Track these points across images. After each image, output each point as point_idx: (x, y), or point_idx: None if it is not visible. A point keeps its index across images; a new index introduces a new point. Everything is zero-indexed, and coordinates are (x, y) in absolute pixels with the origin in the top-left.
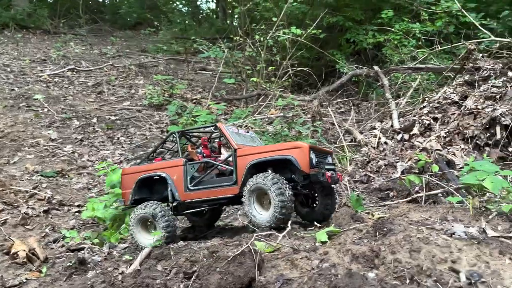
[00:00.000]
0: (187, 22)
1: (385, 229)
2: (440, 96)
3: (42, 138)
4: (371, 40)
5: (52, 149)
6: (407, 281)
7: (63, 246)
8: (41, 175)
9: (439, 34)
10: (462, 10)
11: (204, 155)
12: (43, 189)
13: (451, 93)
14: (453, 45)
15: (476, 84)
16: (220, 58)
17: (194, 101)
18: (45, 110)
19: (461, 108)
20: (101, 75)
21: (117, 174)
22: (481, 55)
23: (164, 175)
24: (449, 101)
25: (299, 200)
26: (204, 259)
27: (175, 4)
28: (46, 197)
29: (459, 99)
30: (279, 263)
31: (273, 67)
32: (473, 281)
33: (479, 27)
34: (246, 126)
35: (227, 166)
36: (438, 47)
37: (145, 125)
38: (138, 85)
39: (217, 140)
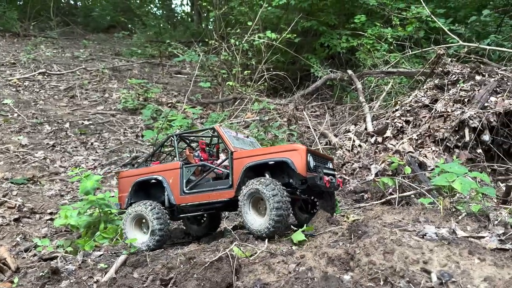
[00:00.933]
0: (161, 25)
1: (360, 231)
2: (411, 100)
3: (12, 144)
4: (345, 44)
5: (23, 155)
6: (381, 283)
7: (35, 255)
8: (11, 182)
9: (410, 39)
10: (432, 15)
11: (202, 158)
12: (14, 197)
13: (422, 96)
14: (423, 49)
15: (446, 88)
16: (195, 62)
17: (170, 105)
18: (15, 115)
19: (432, 111)
20: (73, 79)
21: (91, 180)
22: (450, 59)
23: (160, 178)
24: (420, 104)
25: (298, 205)
26: (181, 266)
27: (149, 7)
28: (17, 205)
29: (429, 103)
30: (256, 267)
31: (249, 71)
32: (444, 281)
33: (448, 32)
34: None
35: (223, 170)
36: (409, 52)
37: (120, 129)
38: (112, 89)
39: (215, 144)
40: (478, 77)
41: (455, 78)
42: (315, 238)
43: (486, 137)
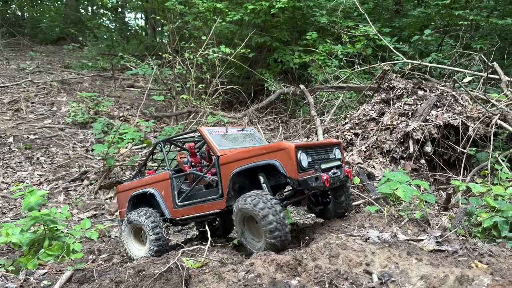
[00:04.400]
0: (114, 38)
1: (307, 238)
2: (360, 113)
3: None
4: (297, 60)
5: None
6: (327, 286)
7: None
8: None
9: (358, 56)
10: (378, 34)
11: (193, 164)
12: None
13: (370, 110)
14: (371, 65)
15: (391, 102)
16: (149, 75)
17: (122, 118)
18: None
19: (379, 124)
20: (18, 92)
21: (35, 195)
22: (395, 75)
23: (152, 191)
24: (368, 117)
25: (309, 200)
26: (130, 279)
27: (101, 20)
28: None
29: (377, 116)
30: (206, 277)
31: (203, 85)
32: (384, 281)
33: (393, 50)
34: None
35: (212, 177)
36: (358, 68)
37: (68, 144)
38: (60, 102)
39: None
40: (420, 92)
41: (399, 93)
42: None
43: (429, 148)
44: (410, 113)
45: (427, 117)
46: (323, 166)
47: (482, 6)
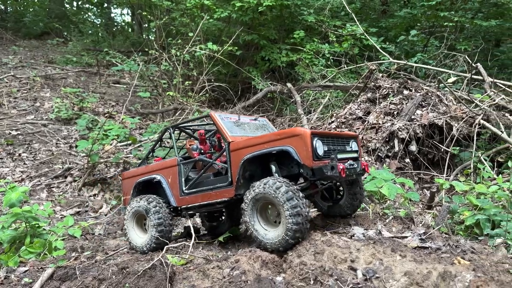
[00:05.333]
0: (100, 34)
1: None
2: (346, 112)
3: None
4: (285, 58)
5: None
6: (312, 282)
7: None
8: None
9: (345, 55)
10: (365, 34)
11: (202, 151)
12: None
13: (356, 109)
14: (357, 65)
15: (377, 101)
16: (134, 72)
17: (106, 114)
18: None
19: (365, 123)
20: (0, 87)
21: (16, 192)
22: (381, 75)
23: (159, 177)
24: (354, 116)
25: (321, 195)
26: (113, 276)
27: (87, 15)
28: None
29: (362, 115)
30: (191, 274)
31: (190, 82)
32: (368, 277)
33: (380, 50)
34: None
35: (221, 164)
36: (345, 67)
37: (52, 140)
38: (44, 98)
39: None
40: (406, 92)
41: (385, 92)
42: (250, 242)
43: (413, 147)
44: (395, 113)
45: (412, 117)
46: (340, 156)
47: (467, 8)
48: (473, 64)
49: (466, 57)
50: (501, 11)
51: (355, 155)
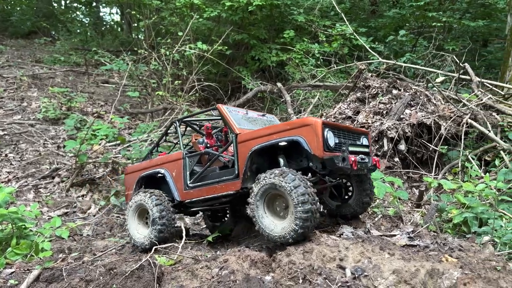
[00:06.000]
0: (88, 33)
1: None
2: (336, 112)
3: None
4: (275, 58)
5: None
6: (300, 281)
7: None
8: None
9: (335, 55)
10: (355, 34)
11: (208, 145)
12: None
13: (346, 108)
14: (347, 65)
15: (367, 101)
16: (124, 71)
17: (95, 114)
18: None
19: (354, 123)
20: None
21: (2, 193)
22: (370, 74)
23: (163, 171)
24: (344, 116)
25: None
26: (101, 277)
27: (75, 14)
28: None
29: (352, 114)
30: (179, 274)
31: (180, 81)
32: (356, 276)
33: (369, 49)
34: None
35: (228, 156)
36: (334, 67)
37: (39, 140)
38: (31, 97)
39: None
40: (395, 91)
41: (375, 92)
42: (240, 241)
43: (402, 146)
44: (384, 112)
45: (401, 116)
46: (351, 149)
47: (455, 8)
48: (461, 64)
49: (454, 57)
50: (488, 12)
51: (366, 149)
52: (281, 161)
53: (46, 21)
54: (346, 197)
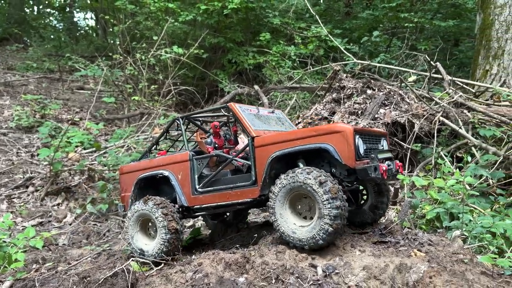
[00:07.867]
0: (62, 39)
1: (256, 235)
2: (312, 113)
3: None
4: (252, 61)
5: None
6: (273, 281)
7: None
8: None
9: (311, 57)
10: (330, 35)
11: (216, 145)
12: None
13: (322, 109)
14: (323, 66)
15: (342, 101)
16: (98, 77)
17: (69, 121)
18: None
19: (330, 123)
20: None
21: None
22: (345, 75)
23: (166, 173)
24: (320, 116)
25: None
26: (74, 286)
27: (48, 20)
28: None
29: (328, 115)
30: (154, 280)
31: (156, 86)
32: (328, 273)
33: (344, 51)
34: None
35: (243, 160)
36: (310, 68)
37: (12, 149)
38: (3, 105)
39: (232, 126)
40: (369, 91)
41: (350, 92)
42: (214, 244)
43: None
44: (359, 112)
45: (376, 115)
46: (379, 156)
47: (426, 9)
48: (432, 63)
49: (426, 56)
50: (458, 12)
51: (389, 154)
52: (301, 166)
53: (18, 28)
54: (362, 202)
